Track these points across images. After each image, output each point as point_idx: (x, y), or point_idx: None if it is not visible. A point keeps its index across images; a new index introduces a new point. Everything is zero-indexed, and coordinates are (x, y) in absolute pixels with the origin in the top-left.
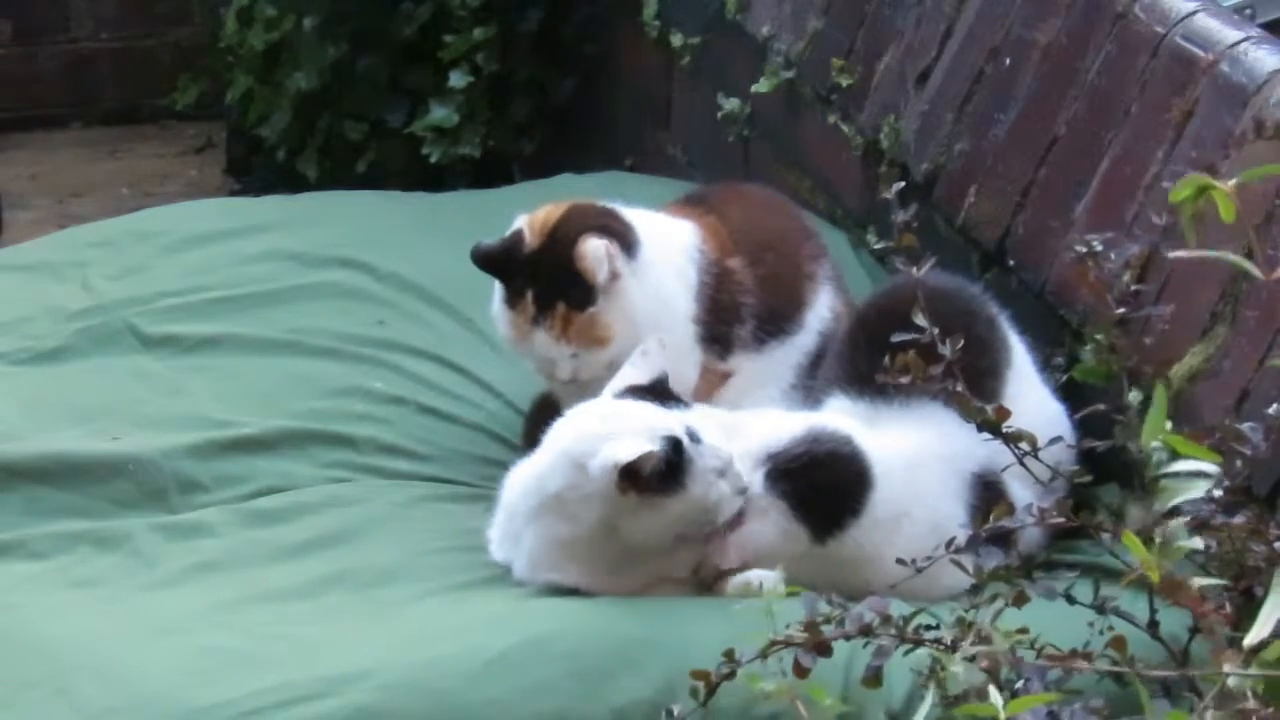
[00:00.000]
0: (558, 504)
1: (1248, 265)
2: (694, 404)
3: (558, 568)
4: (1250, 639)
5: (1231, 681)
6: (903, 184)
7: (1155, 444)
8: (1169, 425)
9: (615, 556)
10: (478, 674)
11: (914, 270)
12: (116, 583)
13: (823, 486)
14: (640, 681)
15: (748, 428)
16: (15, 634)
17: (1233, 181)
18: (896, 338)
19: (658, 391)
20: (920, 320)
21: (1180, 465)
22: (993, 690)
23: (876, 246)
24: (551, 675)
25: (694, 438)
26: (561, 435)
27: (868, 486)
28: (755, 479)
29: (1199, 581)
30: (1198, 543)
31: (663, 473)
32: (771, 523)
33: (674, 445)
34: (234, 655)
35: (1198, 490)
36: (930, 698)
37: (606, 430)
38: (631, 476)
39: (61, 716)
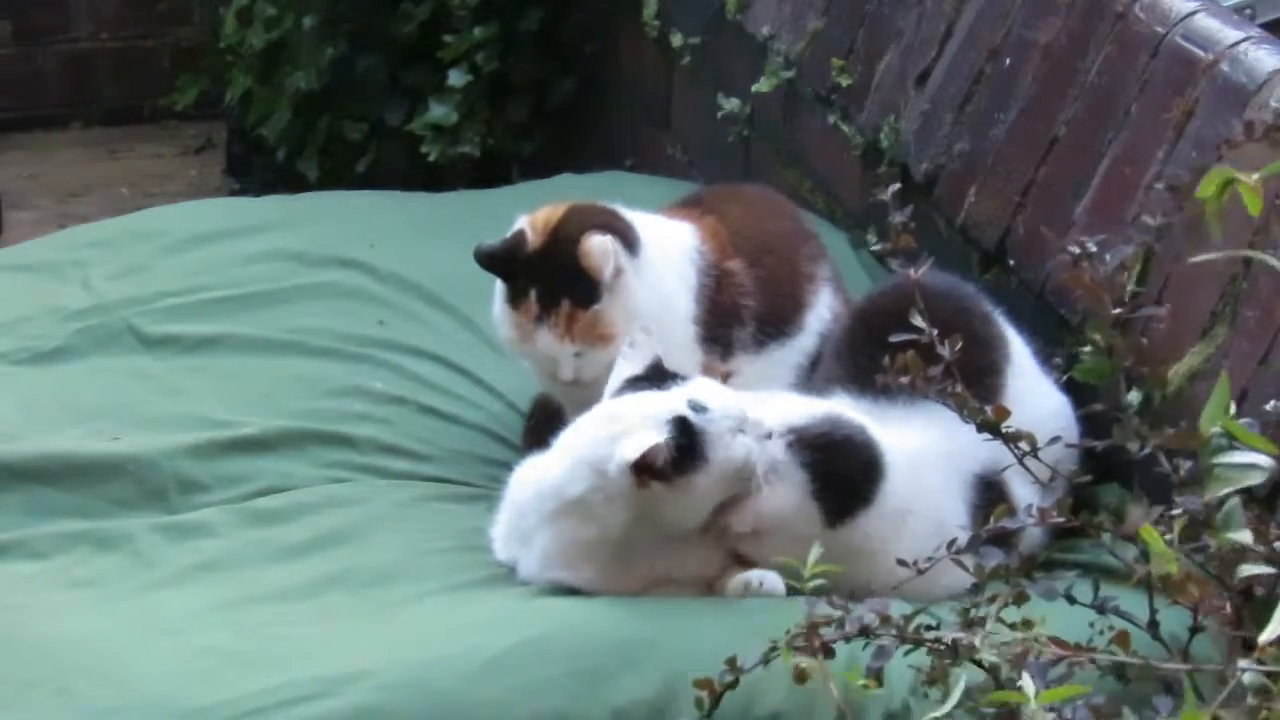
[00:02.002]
0: (581, 507)
1: (1274, 261)
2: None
3: (570, 566)
4: (1266, 635)
5: (1246, 678)
6: (899, 185)
7: (1215, 430)
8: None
9: (636, 552)
10: (477, 674)
11: (911, 271)
12: (116, 583)
13: (840, 469)
14: (640, 681)
15: (764, 404)
16: (15, 634)
17: (1257, 175)
18: (895, 337)
19: (655, 375)
20: (919, 321)
21: (1235, 456)
22: (1026, 678)
23: (875, 248)
24: (551, 675)
25: (699, 408)
26: (574, 442)
27: (880, 476)
28: (776, 447)
29: (1248, 569)
30: (1247, 536)
31: (678, 455)
32: (789, 492)
33: (680, 425)
34: (234, 655)
35: (1253, 479)
36: (959, 689)
37: (615, 430)
38: (647, 469)
39: (61, 716)
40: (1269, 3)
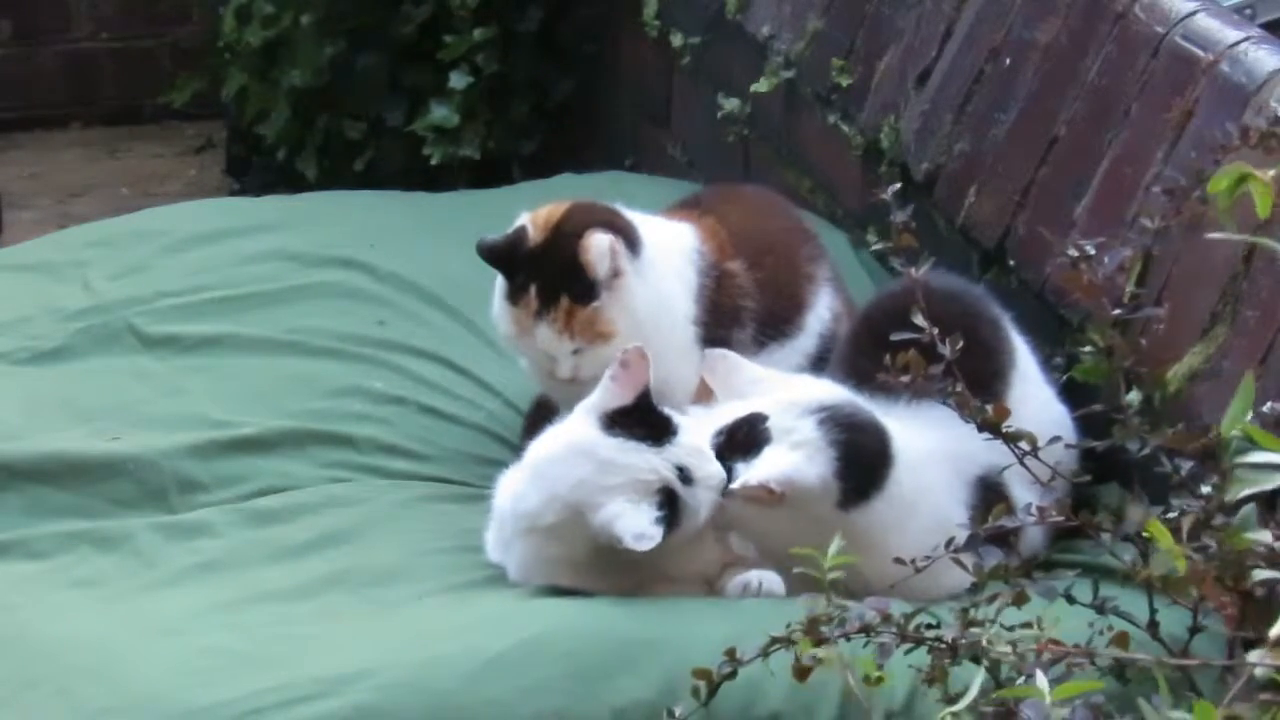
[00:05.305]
0: (552, 530)
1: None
2: (683, 411)
3: (551, 577)
4: (1278, 629)
5: (1257, 672)
6: (899, 185)
7: (1235, 432)
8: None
9: (611, 567)
10: (477, 674)
11: (913, 271)
12: (116, 583)
13: (863, 451)
14: (640, 681)
15: (792, 384)
16: (15, 634)
17: (1272, 172)
18: (896, 336)
19: (644, 418)
20: (920, 320)
21: (1256, 457)
22: (1039, 675)
23: (875, 247)
24: (551, 675)
25: (687, 479)
26: (551, 475)
27: (891, 463)
28: (806, 424)
29: (1262, 574)
30: (1266, 536)
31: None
32: (817, 466)
33: (667, 497)
34: (234, 655)
35: (1273, 482)
36: (975, 687)
37: (602, 483)
38: None
39: (61, 716)
40: (1269, 3)
